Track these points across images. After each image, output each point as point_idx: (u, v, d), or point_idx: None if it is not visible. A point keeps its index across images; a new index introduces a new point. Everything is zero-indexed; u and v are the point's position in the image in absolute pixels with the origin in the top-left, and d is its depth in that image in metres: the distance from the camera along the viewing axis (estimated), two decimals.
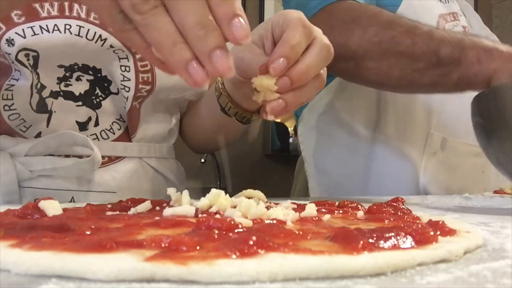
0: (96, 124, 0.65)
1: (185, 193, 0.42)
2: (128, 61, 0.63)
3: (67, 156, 0.62)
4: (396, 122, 0.95)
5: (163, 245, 0.23)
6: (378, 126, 0.96)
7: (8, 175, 0.59)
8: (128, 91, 0.65)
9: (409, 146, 0.94)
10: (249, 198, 0.46)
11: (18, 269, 0.21)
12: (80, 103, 0.64)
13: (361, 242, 0.23)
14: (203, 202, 0.38)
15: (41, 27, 0.58)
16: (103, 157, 0.63)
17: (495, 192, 0.87)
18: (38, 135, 0.62)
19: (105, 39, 0.61)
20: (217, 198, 0.38)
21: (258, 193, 0.48)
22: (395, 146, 0.94)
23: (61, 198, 0.59)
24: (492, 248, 0.28)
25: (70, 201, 0.62)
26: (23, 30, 0.58)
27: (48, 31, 0.58)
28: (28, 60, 0.59)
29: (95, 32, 0.60)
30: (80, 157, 0.62)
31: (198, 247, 0.23)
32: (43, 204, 0.37)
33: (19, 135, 0.62)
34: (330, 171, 0.99)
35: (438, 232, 0.29)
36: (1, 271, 0.21)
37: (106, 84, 0.65)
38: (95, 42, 0.61)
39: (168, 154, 0.76)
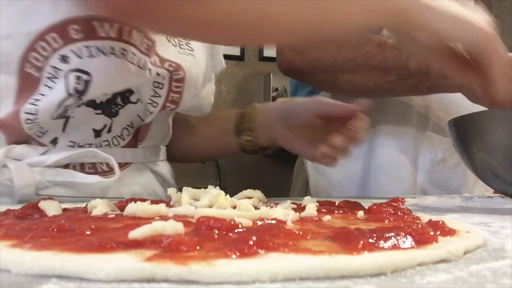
0: (109, 130, 0.65)
1: (185, 193, 0.42)
2: (164, 79, 0.64)
3: (82, 164, 0.63)
4: (393, 122, 0.95)
5: (163, 245, 0.23)
6: (376, 127, 0.96)
7: (27, 188, 0.58)
8: (155, 107, 0.65)
9: (406, 146, 0.95)
10: (249, 198, 0.47)
11: (18, 269, 0.21)
12: (99, 111, 0.63)
13: (361, 242, 0.23)
14: (203, 202, 0.38)
15: (97, 48, 0.57)
16: None
17: (495, 192, 0.87)
18: (54, 140, 0.61)
19: (150, 70, 0.62)
20: (217, 198, 0.38)
21: (258, 193, 0.48)
22: (392, 146, 0.95)
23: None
24: (492, 248, 0.28)
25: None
26: (79, 48, 0.57)
27: (104, 53, 0.57)
28: (78, 84, 0.57)
29: (145, 61, 0.61)
30: (95, 165, 0.63)
31: (198, 247, 0.23)
32: (43, 204, 0.37)
33: (35, 141, 0.61)
34: (329, 171, 1.00)
35: (438, 232, 0.29)
36: (1, 271, 0.21)
37: (127, 94, 0.65)
38: (143, 70, 0.61)
39: (163, 156, 0.77)
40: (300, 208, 0.41)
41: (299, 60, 0.87)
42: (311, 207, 0.39)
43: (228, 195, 0.41)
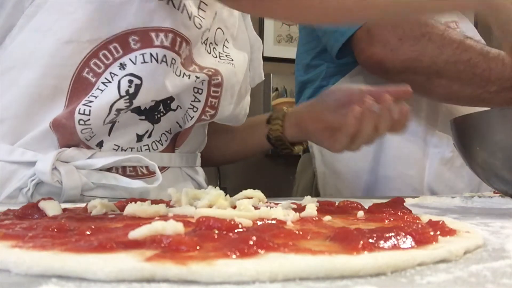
0: (150, 136, 0.67)
1: (185, 193, 0.42)
2: (203, 84, 0.66)
3: (124, 168, 0.64)
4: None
5: (163, 245, 0.23)
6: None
7: (74, 190, 0.59)
8: (195, 111, 0.67)
9: (416, 143, 0.95)
10: (249, 198, 0.47)
11: (18, 269, 0.21)
12: (143, 117, 0.65)
13: (361, 242, 0.23)
14: (203, 202, 0.38)
15: (151, 55, 0.59)
16: None
17: (495, 192, 0.87)
18: (100, 143, 0.63)
19: (189, 76, 0.64)
20: (217, 198, 0.38)
21: (258, 193, 0.48)
22: (402, 143, 0.95)
23: None
24: (492, 248, 0.28)
25: None
26: (135, 56, 0.60)
27: (157, 60, 0.59)
28: (129, 87, 0.60)
29: (181, 71, 0.63)
30: (135, 168, 0.65)
31: (198, 247, 0.23)
32: (43, 204, 0.37)
33: (83, 144, 0.62)
34: (338, 168, 1.00)
35: (438, 232, 0.29)
36: (1, 271, 0.21)
37: (169, 101, 0.67)
38: (189, 79, 0.63)
39: (199, 162, 0.79)
40: (300, 208, 0.41)
41: (391, 58, 0.84)
42: (311, 207, 0.39)
43: (228, 195, 0.41)
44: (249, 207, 0.35)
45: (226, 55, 0.71)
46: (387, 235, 0.25)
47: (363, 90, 0.69)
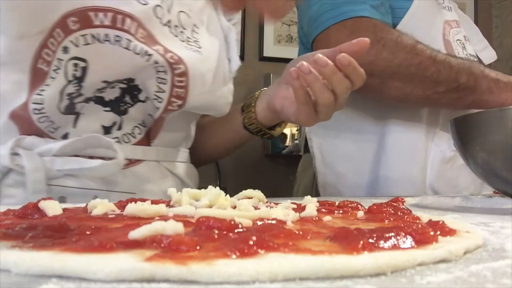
0: (119, 128, 0.67)
1: (185, 193, 0.42)
2: (166, 74, 0.65)
3: (91, 157, 0.64)
4: (404, 119, 0.96)
5: (163, 245, 0.23)
6: (386, 124, 0.97)
7: (37, 173, 0.60)
8: (160, 102, 0.67)
9: (417, 143, 0.95)
10: (249, 198, 0.47)
11: (18, 269, 0.21)
12: (108, 108, 0.66)
13: (361, 242, 0.23)
14: (203, 202, 0.38)
15: (92, 36, 0.60)
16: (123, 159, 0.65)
17: (495, 192, 0.87)
18: (65, 135, 0.64)
19: (151, 55, 0.63)
20: (217, 198, 0.38)
21: (258, 193, 0.48)
22: (402, 143, 0.95)
23: (84, 197, 0.61)
24: (492, 248, 0.28)
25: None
26: (76, 38, 0.60)
27: (99, 40, 0.60)
28: (75, 70, 0.61)
29: (142, 48, 0.63)
30: (103, 159, 0.64)
31: (198, 247, 0.23)
32: (43, 204, 0.37)
33: (47, 135, 0.64)
34: (338, 168, 1.01)
35: (438, 232, 0.29)
36: (1, 271, 0.21)
37: (136, 92, 0.67)
38: (141, 57, 0.63)
39: (183, 158, 0.78)
40: (300, 208, 0.41)
41: None
42: (311, 207, 0.39)
43: (228, 195, 0.41)
44: (249, 207, 0.35)
45: (194, 41, 0.70)
46: (387, 235, 0.25)
47: (316, 53, 0.65)
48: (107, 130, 0.66)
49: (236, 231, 0.27)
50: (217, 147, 0.90)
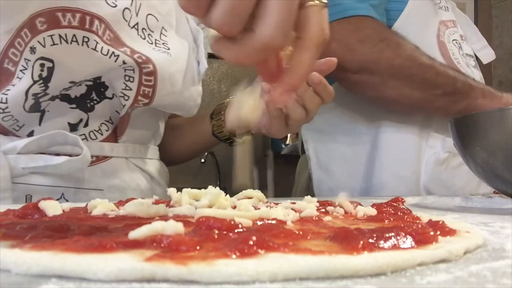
0: (86, 125, 0.67)
1: (185, 193, 0.42)
2: (134, 72, 0.66)
3: (58, 154, 0.64)
4: (397, 120, 0.96)
5: (163, 245, 0.23)
6: (380, 125, 0.97)
7: (1, 171, 0.60)
8: (126, 100, 0.67)
9: (410, 145, 0.95)
10: (249, 198, 0.47)
11: (18, 269, 0.21)
12: (74, 105, 0.66)
13: (361, 242, 0.23)
14: (203, 202, 0.38)
15: (60, 36, 0.60)
16: (91, 156, 0.65)
17: (495, 192, 0.87)
18: (31, 133, 0.64)
19: (118, 56, 0.63)
20: (217, 198, 0.38)
21: (258, 193, 0.48)
22: (396, 145, 0.95)
23: (51, 195, 0.61)
24: (492, 248, 0.28)
25: (60, 198, 0.65)
26: (44, 38, 0.60)
27: (66, 41, 0.60)
28: (42, 71, 0.61)
29: (109, 49, 0.63)
30: (70, 156, 0.64)
31: (198, 247, 0.23)
32: (43, 204, 0.37)
33: (12, 134, 0.64)
34: (332, 169, 1.01)
35: (438, 232, 0.29)
36: (1, 271, 0.21)
37: (102, 89, 0.67)
38: (109, 58, 0.63)
39: (152, 155, 0.78)
40: (300, 208, 0.40)
41: (350, 58, 0.87)
42: (311, 207, 0.39)
43: (228, 195, 0.41)
44: (249, 207, 0.35)
45: (163, 43, 0.70)
46: (387, 235, 0.25)
47: None
48: (73, 127, 0.66)
49: (236, 231, 0.27)
50: (185, 148, 0.91)
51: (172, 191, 0.45)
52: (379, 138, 0.97)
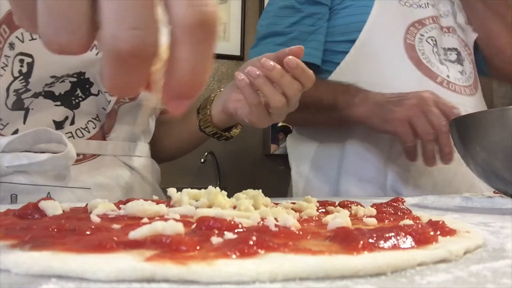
0: (72, 123, 0.67)
1: (185, 193, 0.42)
2: None
3: (43, 153, 0.63)
4: (362, 133, 0.98)
5: (163, 245, 0.23)
6: (347, 136, 1.00)
7: None
8: (111, 96, 0.66)
9: (376, 152, 0.98)
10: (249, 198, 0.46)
11: (18, 269, 0.21)
12: (58, 103, 0.65)
13: (361, 242, 0.23)
14: (203, 202, 0.38)
15: None
16: (78, 154, 0.64)
17: (495, 192, 0.87)
18: (15, 132, 0.63)
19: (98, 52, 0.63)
20: (216, 197, 0.38)
21: (263, 198, 0.48)
22: (362, 153, 0.99)
23: (37, 194, 0.61)
24: (492, 248, 0.28)
25: (46, 197, 0.64)
26: (22, 33, 0.60)
27: None
28: (21, 66, 0.60)
29: None
30: (56, 153, 0.63)
31: (198, 247, 0.23)
32: (43, 204, 0.37)
33: None
34: (306, 175, 1.06)
35: (438, 232, 0.29)
36: (1, 271, 0.21)
37: (87, 86, 0.66)
38: (90, 50, 0.62)
39: (142, 152, 0.78)
40: (300, 208, 0.41)
41: None
42: (311, 207, 0.39)
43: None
44: (249, 207, 0.35)
45: None
46: (387, 235, 0.25)
47: (262, 57, 0.64)
48: (59, 125, 0.65)
49: (236, 231, 0.27)
50: (173, 144, 0.90)
51: (172, 191, 0.45)
52: (346, 147, 1.01)
